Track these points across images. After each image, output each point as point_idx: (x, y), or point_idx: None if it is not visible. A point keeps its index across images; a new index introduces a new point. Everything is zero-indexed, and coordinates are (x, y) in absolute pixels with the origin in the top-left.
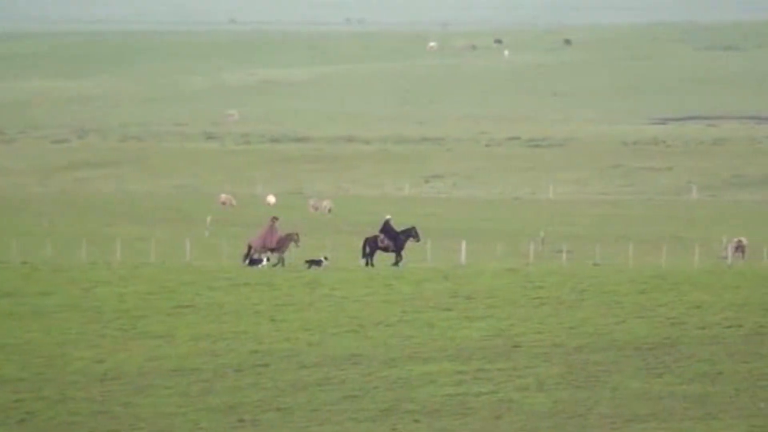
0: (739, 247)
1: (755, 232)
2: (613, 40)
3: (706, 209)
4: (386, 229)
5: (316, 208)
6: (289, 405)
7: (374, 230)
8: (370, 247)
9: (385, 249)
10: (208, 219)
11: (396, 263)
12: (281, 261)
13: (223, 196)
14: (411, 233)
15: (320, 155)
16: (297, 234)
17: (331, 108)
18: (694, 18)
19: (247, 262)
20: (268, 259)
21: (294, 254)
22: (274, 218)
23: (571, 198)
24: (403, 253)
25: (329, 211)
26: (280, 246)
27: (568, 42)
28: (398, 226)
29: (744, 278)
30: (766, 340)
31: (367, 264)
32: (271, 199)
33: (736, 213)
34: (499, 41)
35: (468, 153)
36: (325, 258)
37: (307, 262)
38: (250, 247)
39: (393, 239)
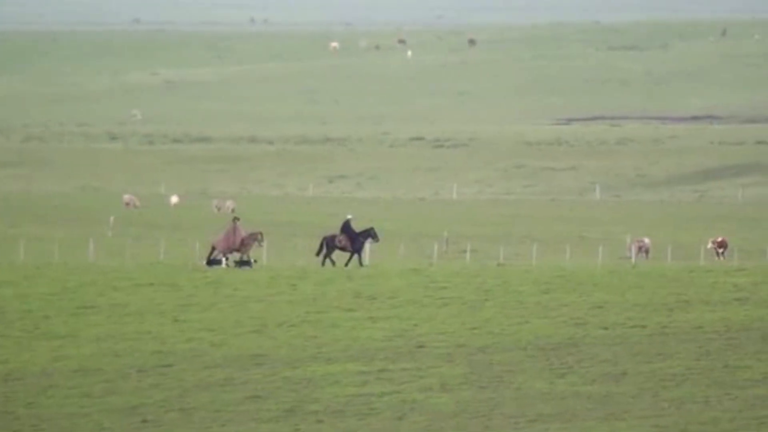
0: (642, 247)
1: (658, 232)
2: (516, 40)
3: (609, 209)
4: (346, 229)
5: (219, 209)
6: (192, 405)
7: (279, 230)
8: (328, 245)
9: (343, 248)
10: (112, 219)
11: (347, 263)
12: (249, 261)
13: (127, 197)
14: (370, 234)
15: (223, 155)
16: (261, 233)
17: (234, 108)
18: (596, 18)
19: (205, 262)
20: (227, 259)
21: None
22: (236, 219)
23: (474, 198)
24: (363, 254)
25: (232, 211)
26: (243, 246)
27: (472, 42)
28: (301, 226)
29: (647, 278)
30: (669, 340)
31: (323, 264)
32: (175, 199)
33: (639, 213)
34: (402, 41)
35: (372, 153)
36: (255, 261)
37: (237, 263)
38: (213, 249)
39: (352, 239)
